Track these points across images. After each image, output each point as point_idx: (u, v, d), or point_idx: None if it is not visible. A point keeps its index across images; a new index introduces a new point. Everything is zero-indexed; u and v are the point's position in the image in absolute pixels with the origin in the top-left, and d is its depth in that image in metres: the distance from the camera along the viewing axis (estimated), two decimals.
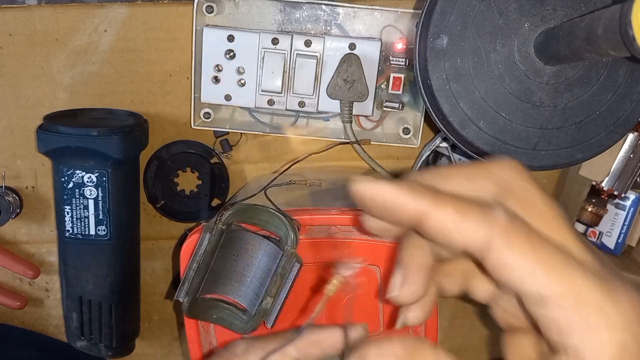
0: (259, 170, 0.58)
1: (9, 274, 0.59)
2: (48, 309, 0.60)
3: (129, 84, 0.54)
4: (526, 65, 0.40)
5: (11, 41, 0.52)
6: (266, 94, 0.51)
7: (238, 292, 0.39)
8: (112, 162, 0.50)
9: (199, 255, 0.41)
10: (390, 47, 0.52)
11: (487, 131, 0.41)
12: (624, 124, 0.42)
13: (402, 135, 0.54)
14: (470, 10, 0.40)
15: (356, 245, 0.43)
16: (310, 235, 0.42)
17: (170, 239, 0.59)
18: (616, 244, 0.56)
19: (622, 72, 0.40)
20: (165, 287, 0.61)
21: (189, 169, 0.57)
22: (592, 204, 0.55)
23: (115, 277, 0.53)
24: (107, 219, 0.51)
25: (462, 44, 0.40)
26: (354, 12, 0.51)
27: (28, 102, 0.54)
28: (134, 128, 0.51)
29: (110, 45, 0.53)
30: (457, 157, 0.54)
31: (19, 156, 0.56)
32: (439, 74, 0.41)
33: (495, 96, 0.41)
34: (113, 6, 0.52)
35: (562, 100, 0.41)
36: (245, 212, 0.41)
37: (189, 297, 0.41)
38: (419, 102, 0.53)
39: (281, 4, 0.51)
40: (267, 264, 0.40)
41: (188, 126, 0.55)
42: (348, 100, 0.51)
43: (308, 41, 0.50)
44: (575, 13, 0.39)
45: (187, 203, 0.57)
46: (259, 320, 0.40)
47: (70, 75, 0.54)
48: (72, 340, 0.55)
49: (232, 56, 0.51)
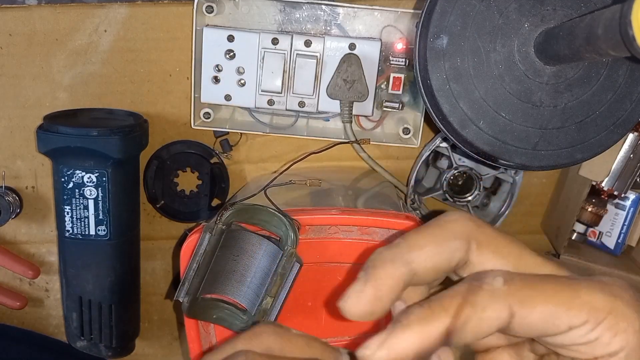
0: (259, 170, 0.58)
1: (9, 274, 0.59)
2: (48, 309, 0.60)
3: (129, 84, 0.54)
4: (526, 65, 0.40)
5: (11, 41, 0.52)
6: (266, 94, 0.51)
7: (238, 292, 0.39)
8: (112, 162, 0.50)
9: (199, 255, 0.41)
10: (390, 47, 0.52)
11: (487, 131, 0.41)
12: (624, 124, 0.41)
13: (402, 135, 0.54)
14: (470, 10, 0.40)
15: (356, 245, 0.43)
16: (310, 235, 0.42)
17: (170, 239, 0.59)
18: (616, 244, 0.56)
19: (622, 72, 0.40)
20: (165, 287, 0.61)
21: (189, 169, 0.57)
22: (592, 204, 0.55)
23: (115, 277, 0.53)
24: (107, 219, 0.51)
25: (462, 44, 0.40)
26: (354, 12, 0.51)
27: (28, 102, 0.54)
28: (134, 128, 0.51)
29: (110, 45, 0.53)
30: (457, 157, 0.54)
31: (19, 156, 0.56)
32: (439, 74, 0.41)
33: (495, 96, 0.41)
34: (113, 6, 0.52)
35: (562, 100, 0.41)
36: (245, 212, 0.41)
37: (189, 297, 0.41)
38: (419, 102, 0.53)
39: (281, 4, 0.51)
40: (267, 264, 0.40)
41: (188, 126, 0.55)
42: (348, 100, 0.51)
43: (308, 41, 0.50)
44: (575, 13, 0.39)
45: (187, 203, 0.57)
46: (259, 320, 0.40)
47: (70, 75, 0.54)
48: (72, 340, 0.55)
49: (232, 56, 0.51)
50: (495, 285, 0.24)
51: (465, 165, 0.54)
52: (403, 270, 0.25)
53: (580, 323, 0.24)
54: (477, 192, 0.54)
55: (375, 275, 0.25)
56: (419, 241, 0.25)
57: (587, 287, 0.25)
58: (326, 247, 0.43)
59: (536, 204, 0.60)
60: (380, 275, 0.25)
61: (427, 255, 0.25)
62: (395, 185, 0.56)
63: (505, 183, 0.56)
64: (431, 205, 0.58)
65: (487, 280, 0.24)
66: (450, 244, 0.26)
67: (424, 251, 0.25)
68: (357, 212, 0.43)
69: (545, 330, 0.25)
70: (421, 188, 0.58)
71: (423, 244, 0.25)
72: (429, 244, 0.25)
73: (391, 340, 0.23)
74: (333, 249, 0.43)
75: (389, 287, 0.25)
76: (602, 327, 0.24)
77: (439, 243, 0.26)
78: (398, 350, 0.23)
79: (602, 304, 0.25)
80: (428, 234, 0.26)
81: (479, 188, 0.54)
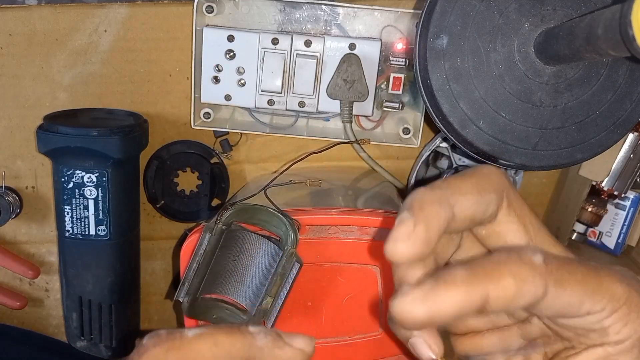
0: (259, 170, 0.58)
1: (9, 274, 0.59)
2: (48, 309, 0.60)
3: (129, 84, 0.54)
4: (526, 65, 0.40)
5: (11, 41, 0.52)
6: (266, 94, 0.51)
7: (238, 292, 0.39)
8: (112, 162, 0.50)
9: (199, 255, 0.41)
10: (390, 47, 0.52)
11: (487, 131, 0.41)
12: (624, 124, 0.41)
13: (402, 135, 0.54)
14: (470, 10, 0.40)
15: (356, 245, 0.43)
16: (310, 235, 0.42)
17: (170, 239, 0.59)
18: (616, 244, 0.56)
19: (622, 72, 0.40)
20: (165, 287, 0.61)
21: (189, 169, 0.57)
22: (592, 204, 0.55)
23: (115, 277, 0.53)
24: (107, 219, 0.51)
25: (462, 44, 0.40)
26: (354, 12, 0.51)
27: (28, 102, 0.54)
28: (134, 128, 0.51)
29: (110, 45, 0.53)
30: (457, 157, 0.54)
31: (19, 156, 0.56)
32: (439, 74, 0.41)
33: (495, 96, 0.41)
34: (113, 6, 0.52)
35: (562, 100, 0.41)
36: (245, 212, 0.41)
37: (189, 297, 0.41)
38: (419, 102, 0.53)
39: (281, 4, 0.51)
40: (267, 264, 0.40)
41: (188, 126, 0.55)
42: (348, 100, 0.51)
43: (308, 41, 0.50)
44: (575, 13, 0.39)
45: (187, 203, 0.57)
46: (259, 320, 0.40)
47: (70, 75, 0.54)
48: (72, 340, 0.55)
49: (232, 56, 0.51)
50: (535, 261, 0.24)
51: (465, 165, 0.54)
52: (449, 212, 0.25)
53: (599, 309, 0.25)
54: None
55: (424, 216, 0.24)
56: (462, 187, 0.25)
57: (608, 276, 0.25)
58: (326, 247, 0.43)
59: (536, 204, 0.60)
60: (429, 215, 0.24)
61: (469, 202, 0.25)
62: (395, 186, 0.56)
63: None
64: None
65: (527, 254, 0.24)
66: (489, 195, 0.26)
67: (467, 197, 0.25)
68: (357, 212, 0.43)
69: (567, 312, 0.25)
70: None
71: (466, 190, 0.25)
72: (471, 191, 0.25)
73: (433, 296, 0.22)
74: (333, 249, 0.43)
75: (437, 228, 0.24)
76: (616, 316, 0.25)
77: (480, 192, 0.26)
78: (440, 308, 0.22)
79: (620, 293, 0.25)
80: (470, 182, 0.26)
81: None
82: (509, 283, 0.23)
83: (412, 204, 0.24)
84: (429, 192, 0.25)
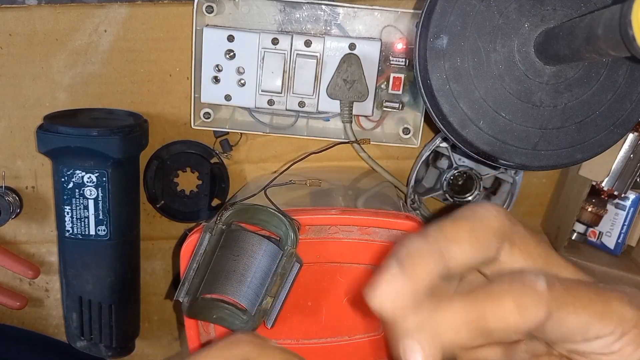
0: (259, 170, 0.58)
1: (9, 274, 0.59)
2: (48, 309, 0.60)
3: (129, 84, 0.54)
4: (526, 65, 0.40)
5: (11, 41, 0.52)
6: (266, 94, 0.51)
7: (238, 292, 0.39)
8: (112, 162, 0.50)
9: (199, 255, 0.41)
10: (390, 47, 0.52)
11: (487, 131, 0.41)
12: (624, 124, 0.41)
13: (402, 135, 0.54)
14: (470, 10, 0.40)
15: (356, 245, 0.43)
16: (310, 235, 0.42)
17: (170, 239, 0.59)
18: (616, 244, 0.56)
19: (622, 72, 0.40)
20: (165, 287, 0.61)
21: (189, 169, 0.57)
22: (592, 204, 0.55)
23: (115, 277, 0.53)
24: (107, 219, 0.51)
25: (462, 44, 0.40)
26: (354, 12, 0.51)
27: (28, 102, 0.54)
28: (133, 128, 0.51)
29: (110, 45, 0.53)
30: (457, 157, 0.54)
31: (19, 156, 0.56)
32: (439, 74, 0.41)
33: (495, 96, 0.41)
34: (113, 6, 0.52)
35: (562, 100, 0.41)
36: (245, 212, 0.41)
37: (189, 297, 0.41)
38: (419, 102, 0.53)
39: (281, 4, 0.51)
40: (267, 264, 0.40)
41: (188, 126, 0.55)
42: (348, 100, 0.51)
43: (308, 41, 0.50)
44: (575, 13, 0.39)
45: (187, 203, 0.57)
46: (259, 320, 0.40)
47: (70, 75, 0.54)
48: (72, 340, 0.55)
49: (232, 56, 0.51)
50: (538, 287, 0.23)
51: (465, 165, 0.54)
52: (440, 265, 0.23)
53: (607, 333, 0.24)
54: (477, 192, 0.54)
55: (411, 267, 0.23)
56: (456, 235, 0.24)
57: (617, 299, 0.25)
58: (326, 247, 0.43)
59: (536, 204, 0.60)
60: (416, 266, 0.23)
61: (464, 251, 0.24)
62: (395, 185, 0.56)
63: (505, 183, 0.56)
64: (431, 206, 0.59)
65: (530, 278, 0.23)
66: (487, 241, 0.24)
67: (461, 246, 0.24)
68: (357, 212, 0.43)
69: (574, 337, 0.25)
70: (421, 188, 0.58)
71: (460, 238, 0.24)
72: (466, 239, 0.24)
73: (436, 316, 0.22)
74: (333, 249, 0.43)
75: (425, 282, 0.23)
76: (627, 339, 0.24)
77: (477, 239, 0.24)
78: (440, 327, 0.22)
79: (630, 315, 0.24)
80: (466, 228, 0.24)
81: (479, 188, 0.54)
82: (510, 309, 0.23)
83: (400, 255, 0.23)
84: (420, 242, 0.24)
